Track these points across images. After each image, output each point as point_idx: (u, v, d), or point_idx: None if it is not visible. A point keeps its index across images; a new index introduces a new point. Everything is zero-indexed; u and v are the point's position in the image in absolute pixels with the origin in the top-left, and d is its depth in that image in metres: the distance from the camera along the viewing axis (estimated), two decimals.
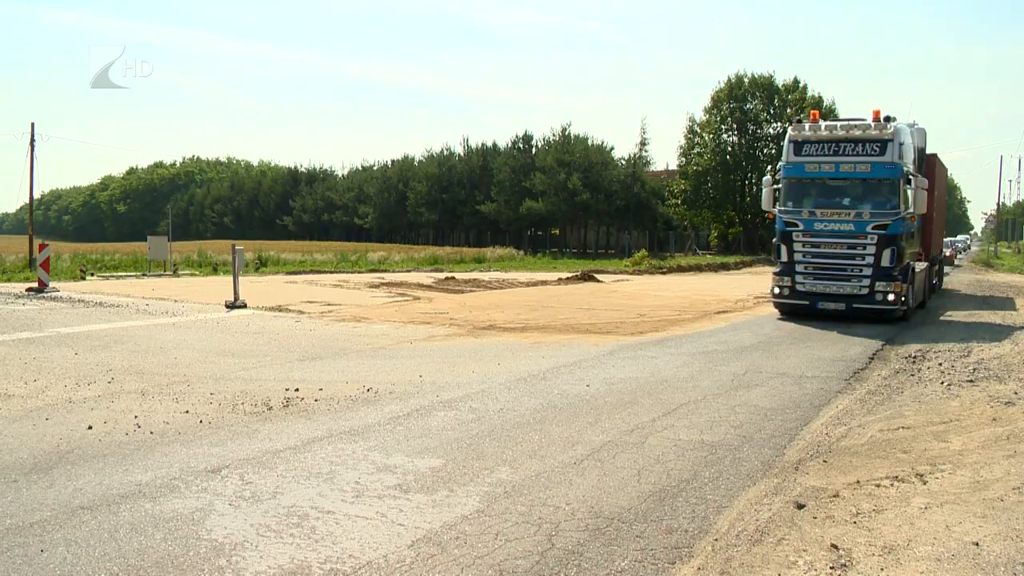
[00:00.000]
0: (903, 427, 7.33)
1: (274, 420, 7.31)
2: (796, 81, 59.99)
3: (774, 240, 16.53)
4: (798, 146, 16.07)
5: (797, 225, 15.91)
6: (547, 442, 6.74)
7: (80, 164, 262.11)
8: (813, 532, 4.77)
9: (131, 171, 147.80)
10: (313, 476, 5.73)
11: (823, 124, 16.04)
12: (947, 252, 38.47)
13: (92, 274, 26.11)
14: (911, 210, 15.50)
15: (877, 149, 15.27)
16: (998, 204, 77.72)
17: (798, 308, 16.11)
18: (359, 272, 31.79)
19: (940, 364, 10.83)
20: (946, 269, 32.97)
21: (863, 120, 15.78)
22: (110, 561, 4.26)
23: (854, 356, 11.88)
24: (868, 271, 15.33)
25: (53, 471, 5.66)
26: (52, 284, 19.42)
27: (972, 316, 17.84)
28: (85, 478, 5.52)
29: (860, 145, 15.41)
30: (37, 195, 75.32)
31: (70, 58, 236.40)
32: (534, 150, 70.17)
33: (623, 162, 65.67)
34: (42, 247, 20.56)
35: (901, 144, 15.32)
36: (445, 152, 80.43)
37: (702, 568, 4.32)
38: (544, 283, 26.42)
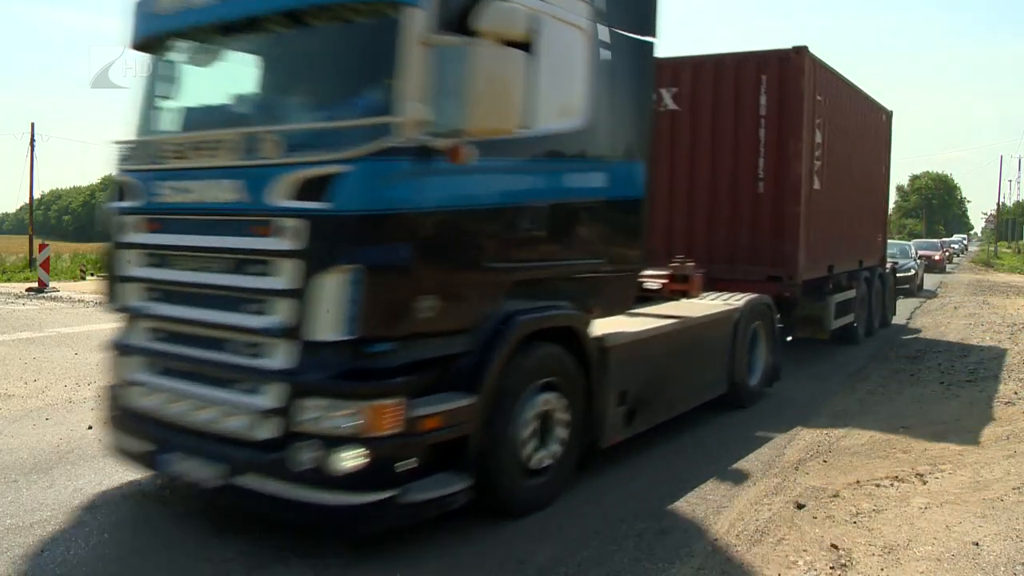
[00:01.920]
0: (903, 427, 7.33)
1: None
2: None
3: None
4: None
5: (134, 193, 4.88)
6: None
7: (80, 164, 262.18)
8: (813, 532, 4.77)
9: None
10: None
11: None
12: (936, 256, 33.67)
13: (92, 274, 26.06)
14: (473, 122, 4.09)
15: None
16: (998, 204, 77.54)
17: (140, 458, 4.88)
18: None
19: (939, 364, 10.82)
20: (928, 283, 24.77)
21: None
22: (110, 562, 4.26)
23: None
24: (274, 360, 4.15)
25: (53, 471, 5.66)
26: (52, 284, 19.40)
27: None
28: (85, 478, 5.51)
29: None
30: (37, 195, 75.36)
31: (70, 58, 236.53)
32: None
33: None
34: (42, 247, 20.56)
35: None
36: None
37: (702, 568, 4.32)
38: None
